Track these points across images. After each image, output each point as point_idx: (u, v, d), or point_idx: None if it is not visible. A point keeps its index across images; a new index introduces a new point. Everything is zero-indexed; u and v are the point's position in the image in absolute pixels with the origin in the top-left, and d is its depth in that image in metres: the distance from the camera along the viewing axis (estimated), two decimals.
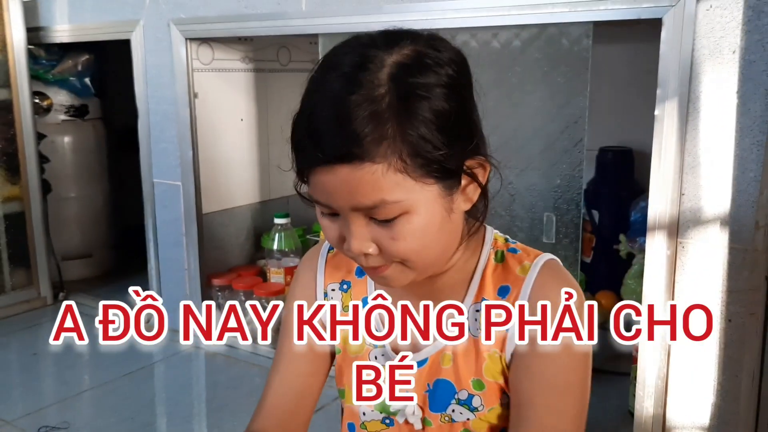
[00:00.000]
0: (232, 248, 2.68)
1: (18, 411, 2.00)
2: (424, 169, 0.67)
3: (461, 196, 0.73)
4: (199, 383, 2.30)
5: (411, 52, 0.69)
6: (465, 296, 0.80)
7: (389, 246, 0.70)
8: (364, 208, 0.68)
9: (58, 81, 3.02)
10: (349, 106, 0.65)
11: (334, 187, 0.68)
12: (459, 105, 0.69)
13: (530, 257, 0.79)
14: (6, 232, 2.76)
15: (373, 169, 0.65)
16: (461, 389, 0.80)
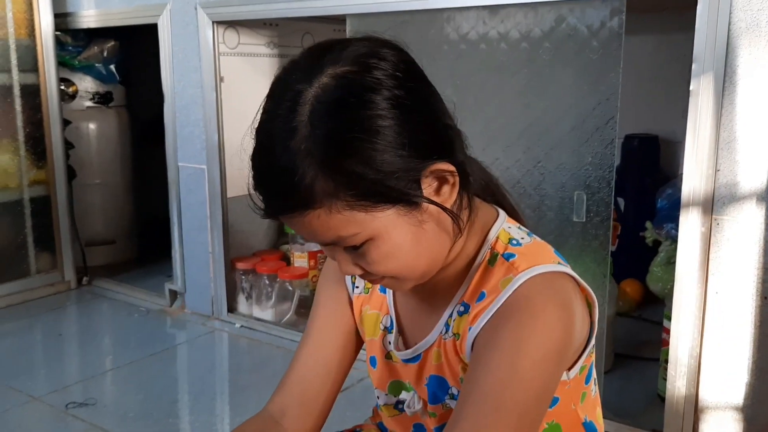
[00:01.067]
0: (255, 233, 2.69)
1: (45, 388, 2.02)
2: (368, 201, 0.66)
3: (437, 196, 0.70)
4: (222, 365, 2.30)
5: (331, 80, 0.65)
6: (456, 293, 0.78)
7: (370, 269, 0.71)
8: (329, 243, 0.70)
9: (84, 67, 3.04)
10: (279, 158, 0.65)
11: (296, 229, 0.70)
12: (402, 123, 0.66)
13: (519, 269, 0.72)
14: (32, 215, 2.78)
15: (317, 214, 0.65)
16: (452, 385, 0.79)
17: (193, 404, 1.95)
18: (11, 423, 1.82)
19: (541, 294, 0.70)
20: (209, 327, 2.51)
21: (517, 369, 0.67)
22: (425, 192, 0.69)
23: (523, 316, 0.69)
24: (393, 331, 0.85)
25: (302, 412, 0.87)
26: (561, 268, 0.73)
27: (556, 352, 0.69)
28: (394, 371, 0.85)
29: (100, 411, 1.89)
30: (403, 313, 0.85)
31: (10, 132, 2.70)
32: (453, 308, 0.77)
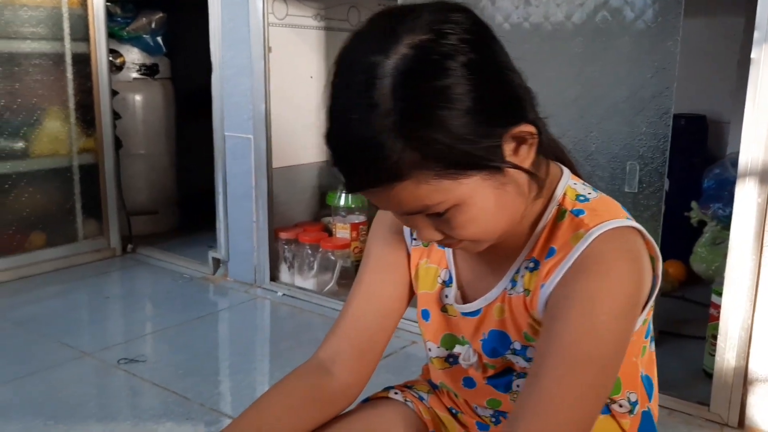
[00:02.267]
0: (297, 204, 2.72)
1: (96, 345, 2.08)
2: (455, 169, 0.66)
3: (516, 158, 0.70)
4: (264, 329, 2.35)
5: (410, 50, 0.64)
6: (522, 250, 0.78)
7: (452, 234, 0.71)
8: (413, 212, 0.69)
9: (132, 39, 3.10)
10: (362, 134, 0.64)
11: (379, 202, 0.70)
12: (480, 87, 0.65)
13: (590, 225, 0.72)
14: (80, 182, 2.85)
15: (404, 186, 0.65)
16: (515, 340, 0.79)
17: (237, 364, 1.99)
18: (67, 376, 1.88)
19: (613, 249, 0.70)
20: (251, 294, 2.55)
21: (594, 323, 0.68)
22: (506, 155, 0.69)
23: (598, 272, 0.69)
24: (452, 285, 0.85)
25: (355, 359, 0.87)
26: (629, 222, 0.73)
27: (629, 305, 0.70)
28: (449, 325, 0.86)
29: (150, 367, 1.94)
30: (463, 268, 0.85)
31: (61, 99, 2.76)
32: (520, 264, 0.78)
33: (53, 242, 2.78)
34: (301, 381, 0.86)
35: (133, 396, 1.78)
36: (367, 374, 0.88)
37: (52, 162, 2.76)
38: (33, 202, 2.71)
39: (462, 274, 0.85)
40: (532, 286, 0.75)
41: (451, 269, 0.86)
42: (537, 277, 0.75)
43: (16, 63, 2.61)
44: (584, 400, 0.68)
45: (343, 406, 0.88)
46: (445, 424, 0.93)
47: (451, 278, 0.85)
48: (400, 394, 0.95)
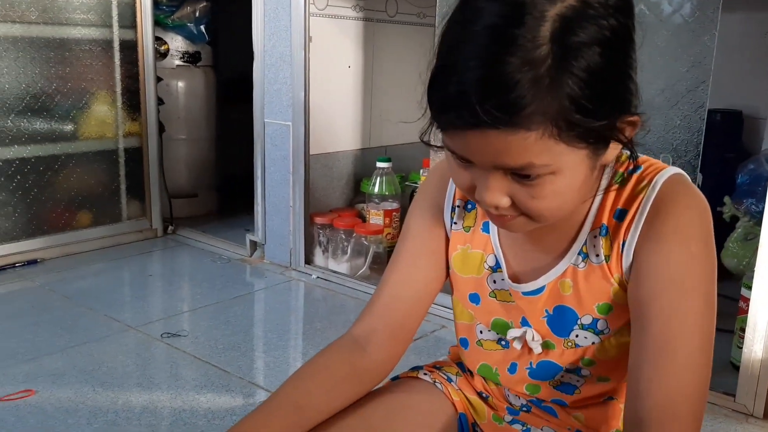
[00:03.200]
0: (333, 191, 2.79)
1: (140, 319, 2.17)
2: (577, 135, 0.63)
3: (609, 154, 0.70)
4: (299, 309, 2.42)
5: (577, 1, 0.61)
6: (584, 222, 0.77)
7: (526, 203, 0.68)
8: (508, 167, 0.65)
9: (176, 26, 3.19)
10: (505, 69, 0.59)
11: (477, 147, 0.64)
12: (619, 62, 0.64)
13: (652, 174, 0.74)
14: (125, 164, 2.95)
15: (526, 136, 0.62)
16: (584, 314, 0.78)
17: (272, 341, 2.07)
18: (113, 347, 1.98)
19: (683, 187, 0.72)
20: (287, 276, 2.64)
21: (692, 252, 0.70)
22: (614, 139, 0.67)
23: (676, 208, 0.71)
24: (500, 270, 0.84)
25: (388, 337, 0.87)
26: (677, 169, 0.76)
27: (710, 234, 0.72)
28: (499, 310, 0.85)
29: (192, 341, 2.03)
30: (512, 252, 0.84)
31: (109, 84, 2.86)
32: (585, 236, 0.77)
33: (99, 221, 2.90)
34: (336, 357, 0.87)
35: (175, 368, 1.87)
36: (398, 354, 0.89)
37: (99, 144, 2.87)
38: (80, 183, 2.82)
39: (512, 258, 0.84)
40: (611, 251, 0.75)
41: (498, 255, 0.84)
42: (614, 240, 0.74)
43: (68, 48, 2.72)
44: (700, 329, 0.69)
45: (375, 383, 0.88)
46: (474, 406, 0.94)
47: (499, 263, 0.84)
48: (429, 375, 0.96)
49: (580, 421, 0.86)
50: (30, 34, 2.60)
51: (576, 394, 0.84)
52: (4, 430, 1.53)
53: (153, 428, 1.56)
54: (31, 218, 2.69)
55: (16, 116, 2.59)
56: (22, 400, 1.66)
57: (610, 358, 0.80)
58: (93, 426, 1.56)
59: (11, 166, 2.61)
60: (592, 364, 0.81)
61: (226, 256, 2.86)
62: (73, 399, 1.67)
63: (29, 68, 2.61)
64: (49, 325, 2.10)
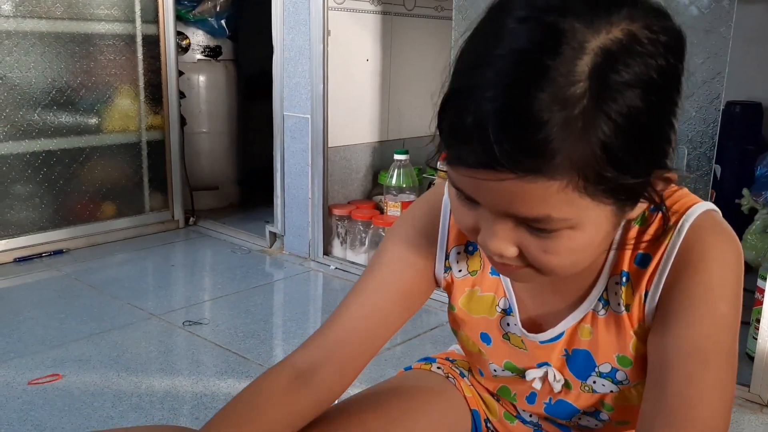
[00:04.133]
0: (351, 183, 2.82)
1: (163, 308, 2.23)
2: (605, 190, 0.55)
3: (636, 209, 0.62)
4: (317, 299, 2.47)
5: (624, 34, 0.52)
6: (602, 267, 0.71)
7: (537, 256, 0.60)
8: (522, 218, 0.58)
9: (198, 21, 3.24)
10: (532, 104, 0.50)
11: (490, 191, 0.56)
12: (662, 109, 0.56)
13: (675, 216, 0.66)
14: (148, 157, 3.01)
15: (548, 185, 0.53)
16: (602, 363, 0.74)
17: (292, 329, 2.11)
18: (136, 334, 2.03)
19: (711, 235, 0.65)
20: (306, 267, 2.68)
21: (715, 315, 0.65)
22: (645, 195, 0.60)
23: (705, 263, 0.65)
24: (513, 314, 0.79)
25: (336, 374, 0.79)
26: (707, 204, 0.68)
27: (740, 287, 0.67)
28: (512, 354, 0.81)
29: (213, 329, 2.08)
30: (526, 295, 0.78)
31: (132, 78, 2.92)
32: (605, 282, 0.71)
33: (122, 213, 2.96)
34: (275, 388, 0.77)
35: (197, 354, 1.92)
36: (342, 391, 0.81)
37: (123, 137, 2.93)
38: (104, 175, 2.89)
39: (526, 302, 0.78)
40: (633, 301, 0.69)
41: (511, 299, 0.78)
42: (636, 288, 0.69)
43: (92, 43, 2.78)
44: (720, 395, 0.64)
45: (312, 418, 0.79)
46: (486, 403, 0.92)
47: (511, 308, 0.79)
48: (443, 368, 0.95)
49: None
50: (56, 30, 2.66)
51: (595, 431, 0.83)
52: (33, 411, 1.59)
53: (175, 412, 1.61)
54: (57, 209, 2.76)
55: (42, 110, 2.66)
56: (50, 383, 1.72)
57: (631, 404, 0.77)
58: (118, 409, 1.61)
59: (38, 158, 2.68)
60: (611, 409, 0.78)
61: (246, 248, 2.91)
62: (98, 383, 1.73)
63: (55, 63, 2.67)
64: (75, 313, 2.16)
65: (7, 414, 1.58)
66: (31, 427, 1.53)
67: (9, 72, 2.55)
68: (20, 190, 2.65)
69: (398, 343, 2.00)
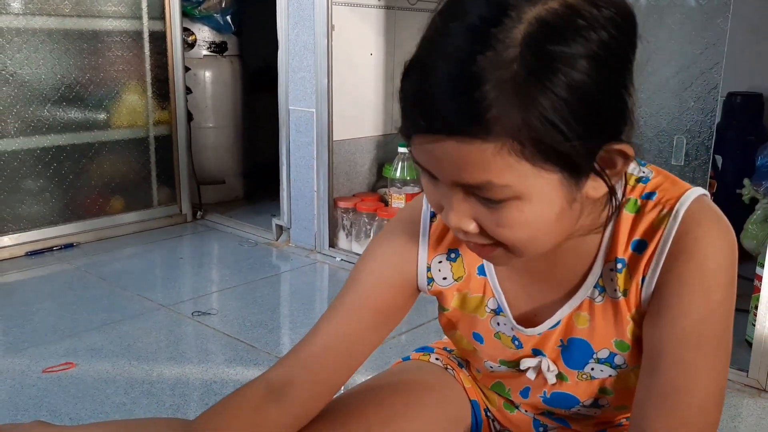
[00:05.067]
0: (356, 175, 2.86)
1: (172, 299, 2.27)
2: (544, 156, 0.57)
3: (593, 182, 0.62)
4: (323, 290, 2.51)
5: (560, 6, 0.55)
6: (597, 254, 0.72)
7: (492, 230, 0.62)
8: (467, 186, 0.60)
9: (203, 17, 3.28)
10: (469, 69, 0.54)
11: (436, 158, 0.59)
12: (607, 82, 0.57)
13: (670, 202, 0.68)
14: (155, 152, 3.06)
15: (483, 148, 0.55)
16: (600, 348, 0.75)
17: (298, 319, 2.15)
18: (146, 325, 2.08)
19: (705, 222, 0.67)
20: (312, 259, 2.72)
21: (710, 302, 0.66)
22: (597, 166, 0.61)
23: (700, 249, 0.66)
24: (503, 314, 0.79)
25: (309, 392, 0.78)
26: (699, 189, 0.70)
27: (734, 272, 0.68)
28: (503, 351, 0.82)
29: (221, 319, 2.12)
30: (515, 291, 0.78)
31: (139, 74, 2.96)
32: (600, 269, 0.72)
33: (131, 207, 3.01)
34: (246, 405, 0.77)
35: (205, 343, 1.96)
36: (317, 410, 0.80)
37: (131, 133, 2.97)
38: (113, 170, 2.93)
39: (516, 299, 0.78)
40: (629, 285, 0.70)
41: (500, 298, 0.79)
42: (633, 274, 0.70)
43: (100, 40, 2.82)
44: (714, 381, 0.66)
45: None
46: (486, 394, 0.93)
47: (500, 307, 0.79)
48: (441, 359, 0.95)
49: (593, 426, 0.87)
50: (64, 27, 2.71)
51: (594, 418, 0.84)
52: (48, 398, 1.64)
53: (185, 398, 1.65)
54: (67, 204, 2.81)
55: (51, 106, 2.71)
56: (64, 372, 1.77)
57: (631, 386, 0.76)
58: (130, 395, 1.66)
59: (48, 153, 2.72)
60: (611, 393, 0.79)
61: (253, 240, 2.96)
62: (110, 371, 1.77)
63: (64, 60, 2.72)
64: (86, 304, 2.21)
65: (24, 401, 1.62)
66: (47, 413, 1.57)
67: (19, 69, 2.60)
68: (31, 185, 2.70)
69: (403, 331, 2.04)
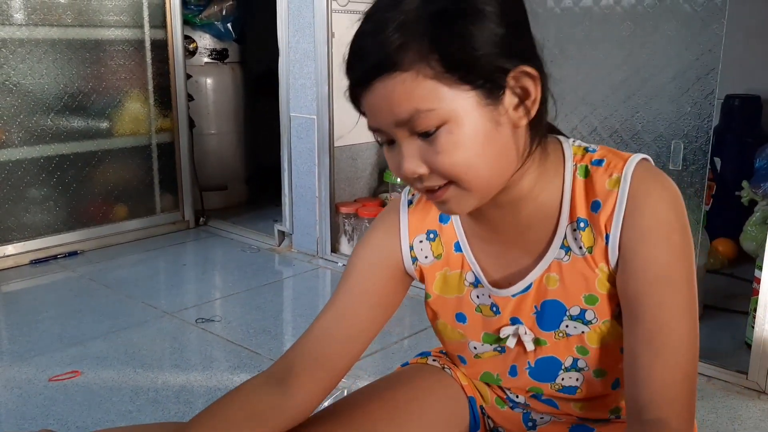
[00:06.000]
0: (357, 181, 2.88)
1: (176, 306, 2.29)
2: (456, 74, 0.66)
3: (515, 112, 0.71)
4: (326, 295, 2.52)
5: None
6: (559, 218, 0.79)
7: (435, 161, 0.69)
8: (403, 122, 0.68)
9: (205, 25, 3.30)
10: (382, 21, 0.67)
11: (374, 106, 0.69)
12: (503, 10, 0.68)
13: (618, 167, 0.76)
14: (158, 159, 3.08)
15: (403, 78, 0.66)
16: (572, 306, 0.80)
17: (301, 325, 2.17)
18: (151, 332, 2.10)
19: (651, 179, 0.75)
20: (314, 264, 2.74)
21: (672, 248, 0.73)
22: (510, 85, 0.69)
23: (652, 202, 0.74)
24: (481, 285, 0.85)
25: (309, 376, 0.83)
26: (641, 154, 0.78)
27: (686, 218, 0.76)
28: (485, 323, 0.86)
29: (225, 326, 2.14)
30: (489, 261, 0.84)
31: (141, 82, 2.99)
32: (564, 230, 0.79)
33: (134, 214, 3.03)
34: (254, 394, 0.82)
35: (209, 350, 1.98)
36: (322, 393, 0.84)
37: (133, 141, 3.00)
38: (116, 177, 2.96)
39: (490, 268, 0.84)
40: (593, 242, 0.77)
41: (476, 270, 0.85)
42: (596, 232, 0.77)
43: (102, 49, 2.84)
44: (691, 316, 0.74)
45: (295, 422, 0.83)
46: (481, 392, 0.96)
47: (478, 279, 0.85)
48: (438, 360, 0.99)
49: (579, 409, 0.89)
50: (67, 37, 2.73)
51: (578, 394, 0.87)
52: (55, 407, 1.66)
53: (190, 405, 1.67)
54: (71, 212, 2.83)
55: (55, 115, 2.73)
56: (70, 380, 1.79)
57: (602, 345, 0.82)
58: (135, 403, 1.68)
59: (51, 162, 2.74)
60: (586, 352, 0.83)
61: (255, 246, 2.98)
62: (116, 379, 1.79)
63: (66, 69, 2.74)
64: (91, 312, 2.23)
65: (30, 410, 1.64)
66: (53, 422, 1.59)
67: (22, 79, 2.62)
68: (35, 194, 2.72)
69: (406, 336, 2.06)
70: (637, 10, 1.80)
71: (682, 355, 0.73)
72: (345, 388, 1.65)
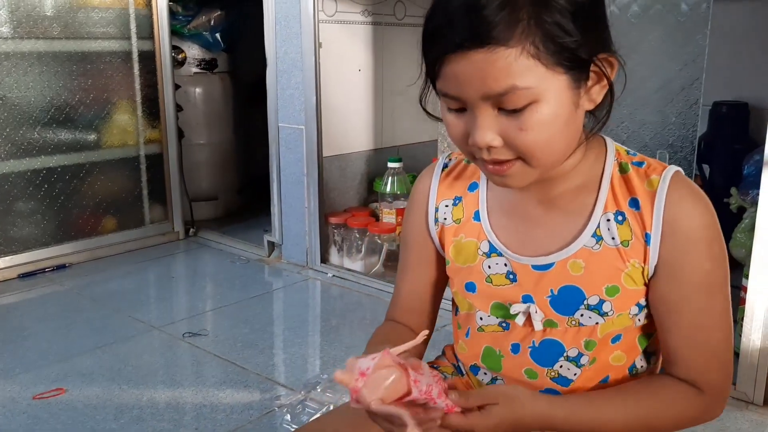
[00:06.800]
0: (347, 191, 2.87)
1: (163, 320, 2.28)
2: (555, 57, 0.69)
3: (586, 95, 0.74)
4: (316, 307, 2.51)
5: None
6: (595, 204, 0.81)
7: (516, 137, 0.71)
8: (495, 96, 0.69)
9: (193, 35, 3.29)
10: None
11: (465, 75, 0.69)
12: (595, 2, 0.72)
13: (657, 171, 0.79)
14: (147, 170, 3.07)
15: (506, 54, 0.67)
16: (592, 294, 0.81)
17: (290, 338, 2.16)
18: (138, 347, 2.08)
19: (688, 185, 0.79)
20: (304, 275, 2.73)
21: (715, 254, 0.78)
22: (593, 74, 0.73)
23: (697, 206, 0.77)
24: (494, 255, 0.87)
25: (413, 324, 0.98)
26: (676, 166, 0.82)
27: (720, 231, 0.80)
28: (495, 294, 0.88)
29: (213, 340, 2.13)
30: (505, 234, 0.87)
31: (129, 94, 2.98)
32: (598, 219, 0.81)
33: (123, 226, 3.02)
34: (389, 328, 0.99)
35: (197, 366, 1.97)
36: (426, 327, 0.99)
37: (122, 152, 2.98)
38: (105, 189, 2.94)
39: (509, 240, 0.87)
40: (630, 237, 0.79)
41: (492, 239, 0.87)
42: (634, 228, 0.79)
43: (89, 61, 2.83)
44: (728, 320, 0.80)
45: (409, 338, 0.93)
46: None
47: (493, 248, 0.87)
48: (439, 367, 1.01)
49: None
50: (53, 49, 2.72)
51: (570, 386, 0.87)
52: (38, 426, 1.64)
53: (176, 423, 1.66)
54: (59, 225, 2.81)
55: (42, 128, 2.72)
56: (54, 398, 1.77)
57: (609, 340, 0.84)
58: (120, 422, 1.66)
59: (39, 175, 2.73)
60: (592, 347, 0.84)
61: (245, 257, 2.97)
62: (101, 396, 1.78)
63: (53, 82, 2.73)
64: (78, 327, 2.22)
65: (14, 429, 1.63)
66: None
67: (8, 92, 2.61)
68: (22, 207, 2.71)
69: None
70: (621, 20, 1.80)
71: (721, 353, 0.81)
72: None
